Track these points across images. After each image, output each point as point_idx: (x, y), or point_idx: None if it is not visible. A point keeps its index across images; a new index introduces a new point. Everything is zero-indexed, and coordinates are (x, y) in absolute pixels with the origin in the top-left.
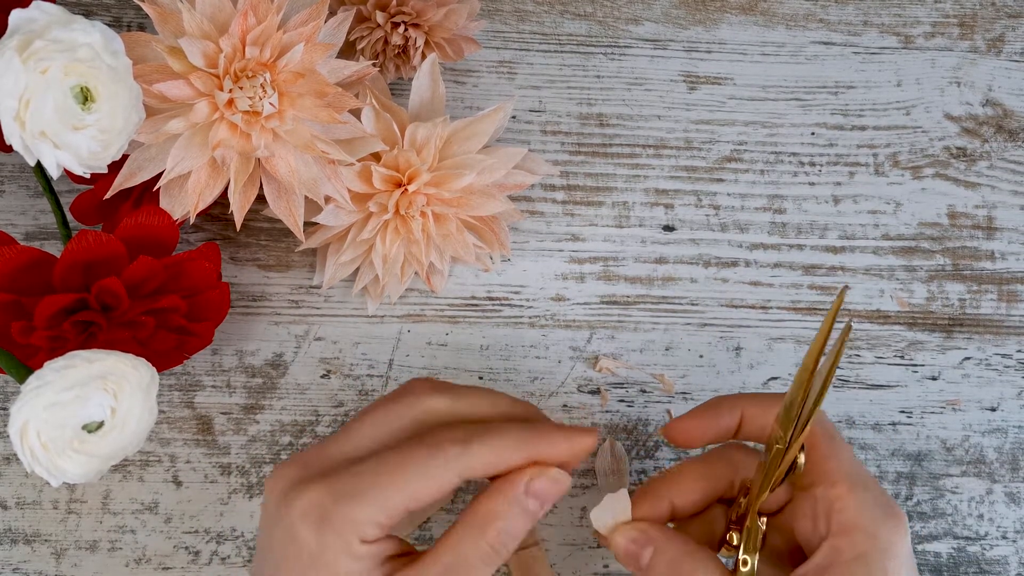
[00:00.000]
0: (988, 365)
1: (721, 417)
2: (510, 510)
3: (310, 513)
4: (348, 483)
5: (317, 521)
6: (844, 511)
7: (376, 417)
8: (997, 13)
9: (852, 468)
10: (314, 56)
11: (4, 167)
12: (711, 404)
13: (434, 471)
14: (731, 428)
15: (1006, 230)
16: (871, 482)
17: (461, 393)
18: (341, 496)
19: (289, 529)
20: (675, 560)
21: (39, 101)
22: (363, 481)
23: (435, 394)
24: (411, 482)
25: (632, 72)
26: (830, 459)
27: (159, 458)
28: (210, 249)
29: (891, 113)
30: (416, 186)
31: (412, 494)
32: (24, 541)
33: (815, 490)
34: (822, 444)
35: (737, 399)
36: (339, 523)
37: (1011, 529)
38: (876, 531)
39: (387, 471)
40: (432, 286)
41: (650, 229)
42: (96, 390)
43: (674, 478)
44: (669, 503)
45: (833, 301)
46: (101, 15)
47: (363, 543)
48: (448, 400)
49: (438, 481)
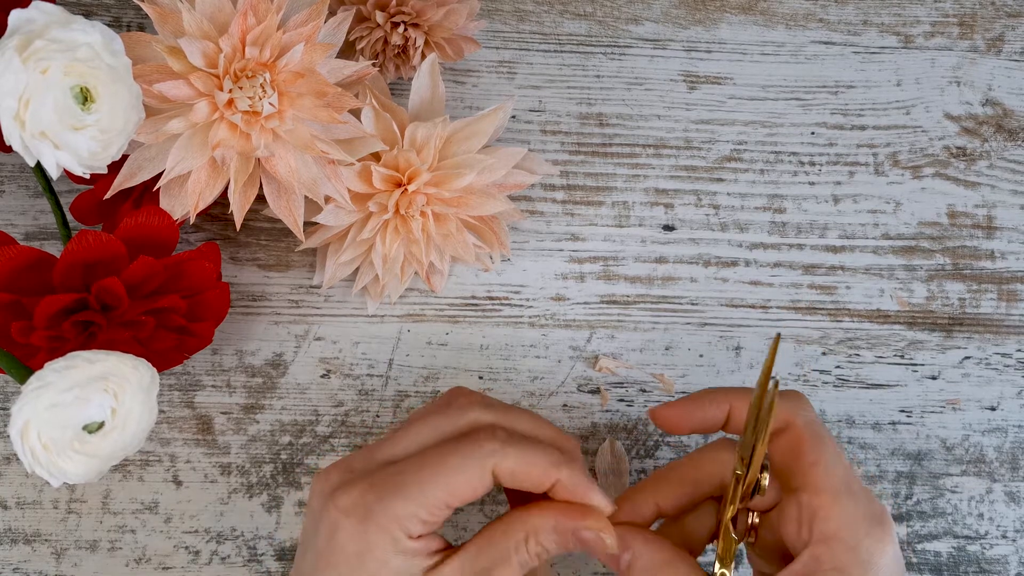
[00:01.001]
0: (988, 364)
1: (707, 408)
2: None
3: (354, 512)
4: (391, 480)
5: (361, 518)
6: (826, 520)
7: (425, 428)
8: (997, 12)
9: (837, 474)
10: (314, 56)
11: (4, 167)
12: (700, 395)
13: (470, 465)
14: (718, 420)
15: (1006, 229)
16: (857, 488)
17: (508, 413)
18: (384, 493)
19: (333, 527)
20: (653, 567)
21: (39, 101)
22: (405, 478)
23: (482, 409)
24: (451, 477)
25: (632, 72)
26: (816, 465)
27: (159, 458)
28: (210, 249)
29: (891, 113)
30: (416, 186)
31: (450, 488)
32: (24, 541)
33: (800, 496)
34: (808, 448)
35: (726, 393)
36: (383, 519)
37: (1011, 528)
38: (857, 543)
39: (427, 466)
40: (432, 286)
41: (650, 229)
42: (97, 391)
43: (658, 481)
44: (654, 505)
45: (771, 346)
46: (101, 15)
47: (410, 539)
48: (496, 418)
49: (474, 475)
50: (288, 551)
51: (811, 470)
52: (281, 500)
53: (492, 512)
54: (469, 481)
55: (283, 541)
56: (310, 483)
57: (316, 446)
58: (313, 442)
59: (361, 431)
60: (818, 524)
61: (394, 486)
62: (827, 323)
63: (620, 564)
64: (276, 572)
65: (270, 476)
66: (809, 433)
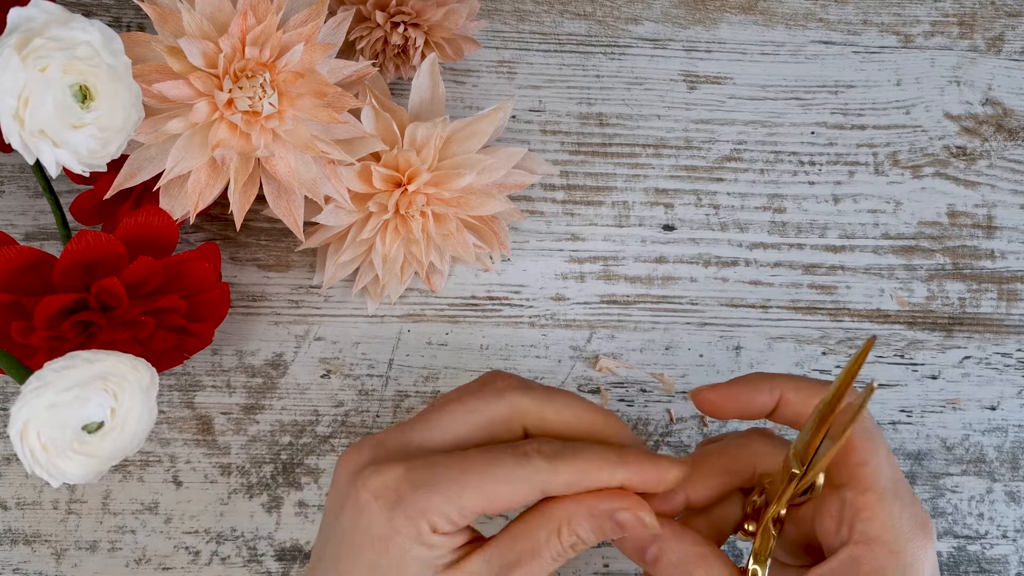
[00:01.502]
0: (988, 364)
1: (759, 395)
2: (592, 523)
3: (384, 494)
4: (428, 473)
5: (390, 504)
6: (870, 521)
7: (460, 409)
8: (997, 12)
9: (886, 475)
10: (314, 56)
11: (4, 167)
12: (750, 379)
13: (518, 481)
14: (766, 408)
15: (1006, 229)
16: (904, 492)
17: (548, 396)
18: (420, 484)
19: (360, 507)
20: (682, 561)
21: (38, 99)
22: (444, 475)
23: (521, 393)
24: (493, 486)
25: (632, 72)
26: (865, 464)
27: (159, 458)
28: (210, 249)
29: (891, 112)
30: (416, 186)
31: (491, 498)
32: (24, 541)
33: (844, 492)
34: (859, 444)
35: (778, 380)
36: (412, 510)
37: (1011, 528)
38: (901, 547)
39: (471, 469)
40: (432, 286)
41: (650, 228)
42: (96, 391)
43: (692, 471)
44: (684, 497)
45: (862, 348)
46: (100, 15)
47: (434, 533)
48: (535, 402)
49: (519, 491)
50: (288, 551)
51: (859, 469)
52: (281, 500)
53: None
54: (512, 496)
55: (283, 541)
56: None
57: (316, 446)
58: (313, 442)
59: (361, 431)
60: (860, 524)
61: (431, 480)
62: (827, 323)
63: (646, 557)
64: (276, 572)
65: (270, 476)
66: (861, 430)
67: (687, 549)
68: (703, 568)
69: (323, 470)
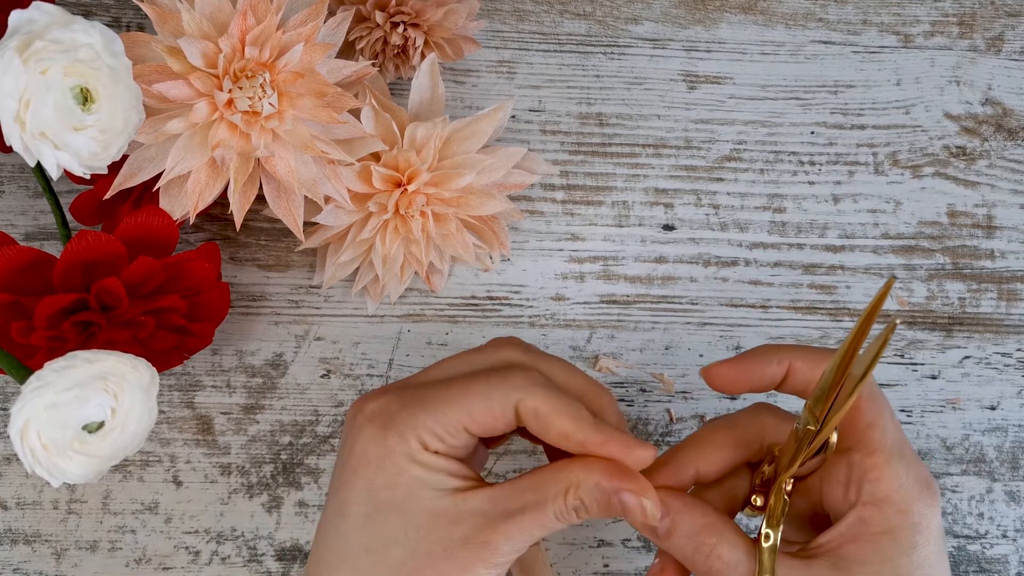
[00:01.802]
0: (988, 364)
1: (767, 366)
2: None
3: (377, 417)
4: (415, 395)
5: (382, 424)
6: (878, 481)
7: (457, 360)
8: (996, 12)
9: (892, 437)
10: (313, 56)
11: (4, 167)
12: (757, 352)
13: (495, 394)
14: (775, 379)
15: (1006, 229)
16: (909, 453)
17: (543, 356)
18: (407, 404)
19: (356, 433)
20: (695, 532)
21: (39, 102)
22: (430, 394)
23: (519, 350)
24: (472, 399)
25: (632, 71)
26: (872, 426)
27: (159, 458)
28: (210, 249)
29: (891, 112)
30: (416, 186)
31: (470, 411)
32: (24, 541)
33: (851, 456)
34: (864, 408)
35: (785, 350)
36: (402, 426)
37: (1011, 528)
38: (909, 506)
39: (454, 386)
40: (432, 286)
41: (650, 228)
42: (96, 391)
43: (699, 444)
44: (694, 470)
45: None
46: (100, 15)
47: (426, 451)
48: (531, 358)
49: (496, 404)
50: (288, 551)
51: (867, 431)
52: (281, 500)
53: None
54: (490, 410)
55: (283, 541)
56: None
57: (316, 446)
58: (313, 442)
59: None
60: (868, 485)
61: (418, 399)
62: (827, 323)
63: (659, 531)
64: (276, 572)
65: (270, 476)
66: (867, 393)
67: (698, 520)
68: (715, 536)
69: (323, 470)
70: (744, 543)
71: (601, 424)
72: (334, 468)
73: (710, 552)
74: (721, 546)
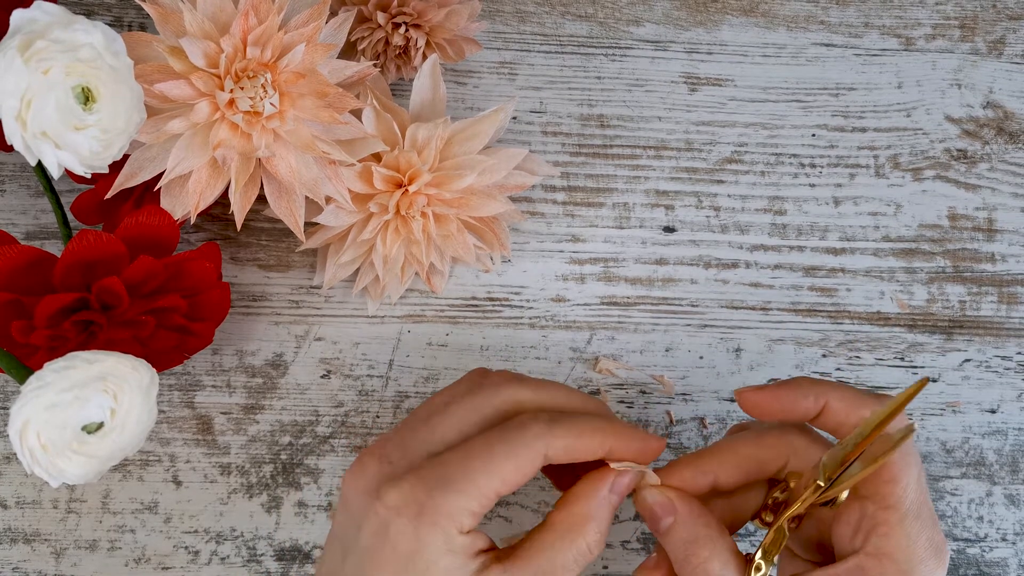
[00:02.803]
0: (988, 367)
1: (803, 400)
2: (600, 510)
3: (405, 509)
4: (438, 473)
5: (414, 516)
6: (886, 537)
7: (458, 409)
8: (998, 15)
9: (912, 496)
10: (315, 56)
11: (5, 166)
12: (796, 383)
13: (520, 451)
14: (809, 414)
15: (1006, 232)
16: (927, 515)
17: (541, 385)
18: (435, 488)
19: (382, 527)
20: (692, 540)
21: (41, 101)
22: (453, 470)
23: (516, 385)
24: (499, 464)
25: (633, 73)
26: (893, 482)
27: (159, 458)
28: (210, 249)
29: (892, 115)
30: (417, 187)
31: (502, 476)
32: (24, 540)
33: (866, 504)
34: (890, 462)
35: (823, 387)
36: (436, 515)
37: (1011, 531)
38: (911, 568)
39: (475, 456)
40: (432, 287)
41: (650, 230)
42: (96, 391)
43: (724, 454)
44: (712, 478)
45: (912, 387)
46: (102, 15)
47: (461, 534)
48: (532, 391)
49: (524, 461)
50: (287, 551)
51: (886, 485)
52: (281, 500)
53: (491, 513)
54: (520, 467)
55: (283, 541)
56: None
57: (316, 446)
58: (313, 442)
59: (361, 431)
60: (875, 537)
61: (444, 480)
62: (827, 325)
63: (660, 526)
64: (276, 572)
65: (270, 476)
66: (898, 450)
67: (698, 530)
68: (708, 550)
69: (323, 470)
70: (736, 564)
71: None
72: (344, 548)
73: (700, 564)
74: (712, 561)
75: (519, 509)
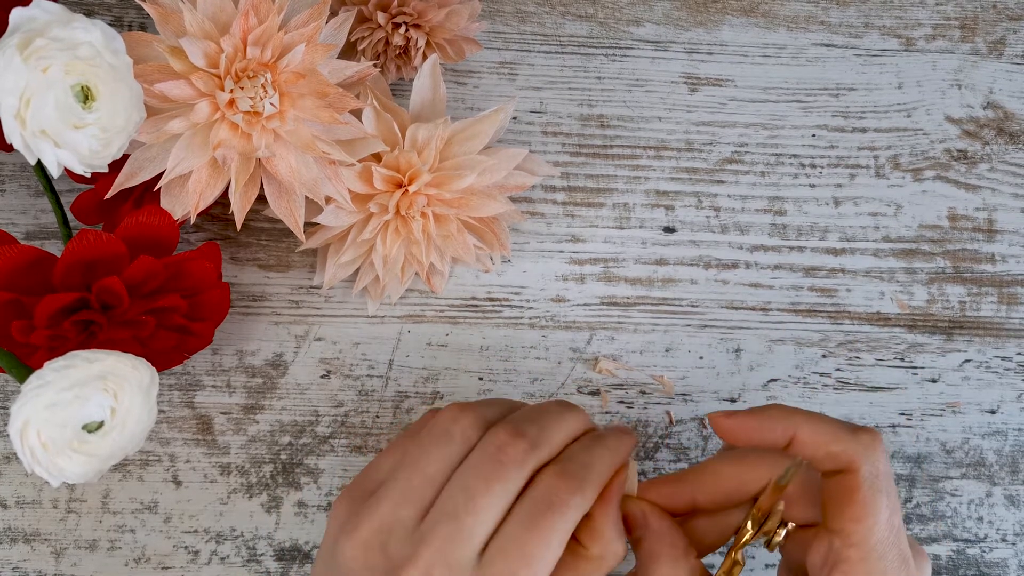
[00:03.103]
0: (988, 368)
1: (772, 431)
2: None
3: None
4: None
5: None
6: (847, 574)
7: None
8: (998, 16)
9: (879, 536)
10: (315, 56)
11: (5, 166)
12: (767, 411)
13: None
14: (779, 444)
15: (1007, 233)
16: (893, 557)
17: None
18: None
19: None
20: (656, 556)
21: (40, 99)
22: None
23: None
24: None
25: (633, 73)
26: (859, 521)
27: (159, 458)
28: (211, 249)
29: (892, 115)
30: (417, 187)
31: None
32: (24, 540)
33: (833, 539)
34: (859, 501)
35: (795, 417)
36: None
37: (1011, 532)
38: None
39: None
40: (432, 287)
41: (650, 230)
42: (96, 390)
43: (705, 476)
44: (691, 498)
45: (776, 481)
46: (102, 15)
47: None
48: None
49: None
50: (287, 551)
51: (852, 523)
52: (281, 500)
53: None
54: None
55: (282, 541)
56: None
57: (316, 446)
58: (313, 442)
59: (361, 431)
60: (837, 573)
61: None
62: (827, 326)
63: (632, 536)
64: (275, 572)
65: (270, 476)
66: (867, 487)
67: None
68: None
69: (323, 470)
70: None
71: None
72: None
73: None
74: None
75: None
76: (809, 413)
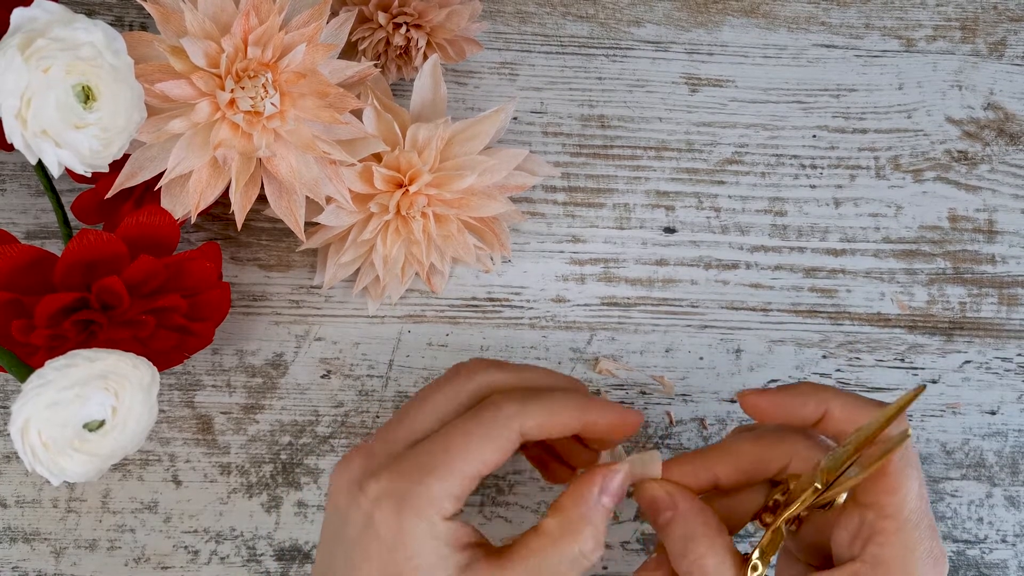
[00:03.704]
0: (988, 368)
1: (805, 406)
2: (594, 514)
3: (386, 499)
4: (417, 461)
5: (395, 506)
6: (883, 545)
7: (434, 398)
8: (999, 17)
9: (912, 506)
10: (316, 56)
11: (5, 166)
12: (798, 388)
13: (495, 431)
14: (810, 420)
15: (1007, 233)
16: (926, 525)
17: (515, 368)
18: (414, 475)
19: (367, 518)
20: (689, 536)
21: (41, 99)
22: (431, 456)
23: (492, 369)
24: (477, 445)
25: (634, 74)
26: (893, 492)
27: (159, 457)
28: (211, 249)
29: (892, 116)
30: (417, 187)
31: (481, 458)
32: (24, 540)
33: (865, 512)
34: (891, 472)
35: (826, 393)
36: (417, 503)
37: (1011, 533)
38: None
39: (452, 440)
40: (433, 287)
41: (651, 231)
42: (97, 389)
43: (726, 453)
44: (713, 476)
45: (909, 393)
46: (103, 15)
47: (444, 520)
48: (504, 374)
49: (500, 442)
50: (287, 551)
51: (886, 494)
52: (281, 500)
53: (491, 513)
54: (498, 448)
55: (282, 541)
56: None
57: (316, 446)
58: (313, 442)
59: (361, 431)
60: (872, 546)
61: (422, 467)
62: (827, 326)
63: (659, 520)
64: (275, 572)
65: (270, 476)
66: (899, 459)
67: (697, 527)
68: (705, 546)
69: (323, 470)
70: (732, 562)
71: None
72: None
73: (696, 560)
74: (708, 558)
75: (519, 509)
76: (838, 390)
